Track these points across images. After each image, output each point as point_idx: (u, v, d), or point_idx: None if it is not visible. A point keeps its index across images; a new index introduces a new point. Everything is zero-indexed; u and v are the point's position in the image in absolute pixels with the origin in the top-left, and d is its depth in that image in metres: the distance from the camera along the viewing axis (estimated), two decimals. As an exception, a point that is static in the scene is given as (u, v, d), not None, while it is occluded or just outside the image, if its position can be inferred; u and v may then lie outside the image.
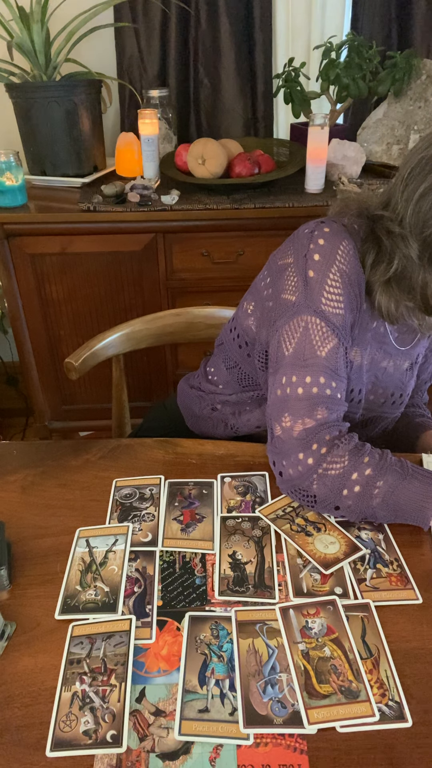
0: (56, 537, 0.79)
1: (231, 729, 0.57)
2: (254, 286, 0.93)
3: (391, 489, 0.75)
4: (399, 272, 0.78)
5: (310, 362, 0.80)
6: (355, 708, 0.58)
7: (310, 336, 0.80)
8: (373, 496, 0.76)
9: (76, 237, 1.64)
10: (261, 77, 1.98)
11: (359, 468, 0.77)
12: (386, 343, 0.89)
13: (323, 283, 0.80)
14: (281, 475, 0.81)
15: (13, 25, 1.66)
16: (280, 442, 0.81)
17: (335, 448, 0.78)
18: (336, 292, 0.80)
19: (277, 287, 0.85)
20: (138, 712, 0.59)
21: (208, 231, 1.65)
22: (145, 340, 1.23)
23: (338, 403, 0.82)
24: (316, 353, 0.80)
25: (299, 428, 0.79)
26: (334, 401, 0.81)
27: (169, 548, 0.77)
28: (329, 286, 0.80)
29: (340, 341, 0.81)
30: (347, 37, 1.77)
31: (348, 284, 0.80)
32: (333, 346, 0.80)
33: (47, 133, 1.72)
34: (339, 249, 0.80)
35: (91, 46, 1.83)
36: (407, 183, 0.75)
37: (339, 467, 0.77)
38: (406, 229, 0.75)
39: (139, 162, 1.80)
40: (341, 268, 0.80)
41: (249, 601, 0.70)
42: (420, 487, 0.75)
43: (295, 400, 0.80)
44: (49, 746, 0.56)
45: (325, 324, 0.80)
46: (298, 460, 0.79)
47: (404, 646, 0.65)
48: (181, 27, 1.91)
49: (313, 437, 0.79)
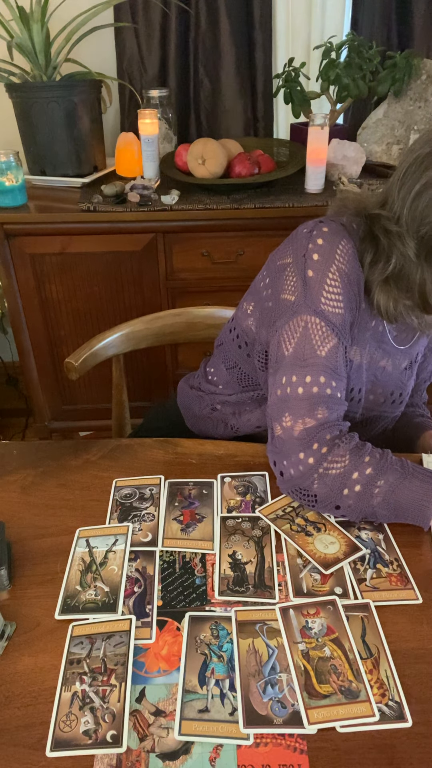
0: (56, 537, 0.79)
1: (231, 729, 0.57)
2: (253, 286, 0.93)
3: (392, 488, 0.75)
4: (397, 271, 0.78)
5: (310, 362, 0.80)
6: (355, 708, 0.58)
7: (309, 336, 0.80)
8: (374, 495, 0.76)
9: (76, 237, 1.64)
10: (261, 77, 1.98)
11: (360, 467, 0.77)
12: (385, 342, 0.89)
13: (322, 283, 0.80)
14: (282, 475, 0.81)
15: (13, 25, 1.66)
16: (281, 442, 0.81)
17: (336, 447, 0.78)
18: (335, 291, 0.80)
19: (276, 287, 0.85)
20: (138, 712, 0.59)
21: (208, 231, 1.65)
22: (145, 340, 1.23)
23: (338, 402, 0.82)
24: (316, 353, 0.80)
25: (300, 428, 0.79)
26: (335, 401, 0.81)
27: (169, 548, 0.77)
28: (328, 285, 0.80)
29: (339, 340, 0.81)
30: (347, 37, 1.78)
31: (347, 283, 0.80)
32: (333, 345, 0.80)
33: (47, 133, 1.72)
34: (338, 248, 0.80)
35: (91, 46, 1.83)
36: (403, 182, 0.75)
37: (340, 467, 0.77)
38: (403, 227, 0.76)
39: (139, 162, 1.80)
40: (340, 267, 0.80)
41: (249, 601, 0.70)
42: (421, 486, 0.75)
43: (296, 400, 0.80)
44: (49, 746, 0.56)
45: (325, 324, 0.80)
46: (299, 459, 0.79)
47: (404, 646, 0.65)
48: (181, 27, 1.91)
49: (314, 437, 0.79)
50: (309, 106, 1.85)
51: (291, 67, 1.80)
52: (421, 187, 0.73)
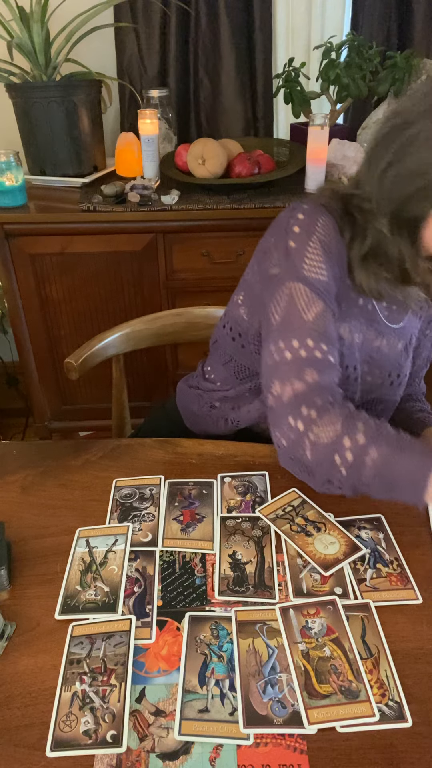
0: (56, 537, 0.79)
1: (231, 729, 0.57)
2: (242, 279, 0.95)
3: (385, 460, 0.71)
4: (374, 246, 0.80)
5: (297, 326, 0.79)
6: (355, 708, 0.58)
7: (294, 302, 0.80)
8: (366, 466, 0.71)
9: (76, 237, 1.64)
10: (261, 77, 1.98)
11: (352, 434, 0.72)
12: (377, 321, 0.89)
13: (304, 251, 0.81)
14: (279, 448, 0.79)
15: (13, 25, 1.66)
16: (272, 412, 0.79)
17: (327, 413, 0.74)
18: (317, 258, 0.81)
19: (262, 267, 0.86)
20: (138, 712, 0.59)
21: (208, 231, 1.65)
22: (145, 340, 1.23)
23: (330, 366, 0.79)
24: (302, 317, 0.79)
25: (289, 393, 0.77)
26: (326, 364, 0.78)
27: (169, 548, 0.77)
28: (309, 253, 0.81)
29: (326, 305, 0.80)
30: (347, 37, 1.77)
31: (329, 253, 0.81)
32: (319, 309, 0.80)
33: (47, 133, 1.71)
34: (318, 222, 0.81)
35: (91, 46, 1.83)
36: (371, 161, 0.78)
37: (331, 433, 0.73)
38: (374, 205, 0.78)
39: (139, 162, 1.80)
40: (321, 238, 0.81)
41: (249, 601, 0.70)
42: (417, 459, 0.70)
43: (283, 365, 0.78)
44: (49, 746, 0.56)
45: (309, 289, 0.80)
46: (289, 426, 0.76)
47: (404, 646, 0.65)
48: (181, 27, 1.91)
49: (303, 400, 0.75)
50: (309, 106, 1.84)
51: (291, 67, 1.79)
52: (385, 165, 0.75)
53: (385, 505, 0.83)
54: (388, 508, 0.83)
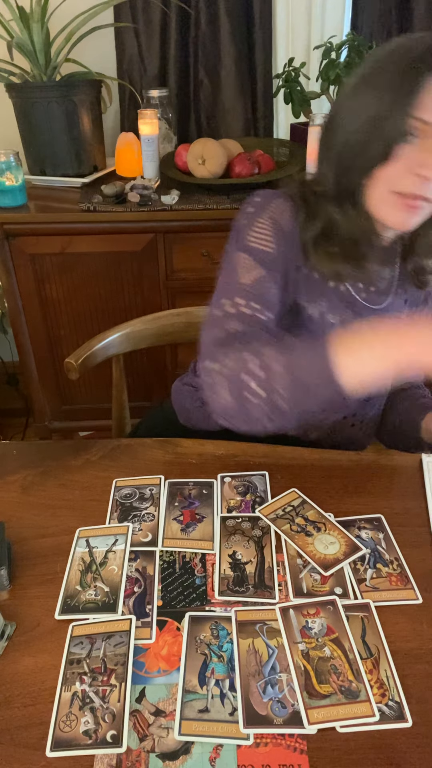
0: (56, 537, 0.79)
1: (231, 729, 0.57)
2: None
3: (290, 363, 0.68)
4: (326, 227, 0.82)
5: (231, 288, 0.80)
6: (355, 708, 0.58)
7: (235, 268, 0.82)
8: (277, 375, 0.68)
9: (76, 237, 1.64)
10: (261, 77, 1.98)
11: (255, 350, 0.71)
12: (354, 303, 0.89)
13: (252, 225, 0.83)
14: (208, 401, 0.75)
15: (13, 25, 1.66)
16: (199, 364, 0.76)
17: (237, 350, 0.72)
18: (265, 232, 0.82)
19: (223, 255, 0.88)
20: (138, 712, 0.59)
21: (208, 231, 1.65)
22: (145, 340, 1.23)
23: (258, 322, 0.78)
24: (238, 281, 0.81)
25: (208, 340, 0.77)
26: (254, 320, 0.77)
27: (169, 548, 0.77)
28: (257, 226, 0.83)
29: (268, 272, 0.81)
30: (347, 37, 1.77)
31: (279, 230, 0.82)
32: (258, 275, 0.80)
33: (47, 133, 1.71)
34: (272, 203, 0.84)
35: (91, 46, 1.83)
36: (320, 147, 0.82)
37: (238, 360, 0.71)
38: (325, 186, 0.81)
39: (139, 162, 1.80)
40: (272, 216, 0.83)
41: (249, 601, 0.70)
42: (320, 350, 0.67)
43: (211, 318, 0.80)
44: (49, 746, 0.56)
45: (251, 257, 0.81)
46: (206, 370, 0.74)
47: (404, 646, 0.65)
48: (181, 27, 1.91)
49: (220, 345, 0.74)
50: (309, 106, 1.84)
51: (291, 67, 1.79)
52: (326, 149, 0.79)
53: (385, 505, 0.83)
54: (388, 508, 0.83)
